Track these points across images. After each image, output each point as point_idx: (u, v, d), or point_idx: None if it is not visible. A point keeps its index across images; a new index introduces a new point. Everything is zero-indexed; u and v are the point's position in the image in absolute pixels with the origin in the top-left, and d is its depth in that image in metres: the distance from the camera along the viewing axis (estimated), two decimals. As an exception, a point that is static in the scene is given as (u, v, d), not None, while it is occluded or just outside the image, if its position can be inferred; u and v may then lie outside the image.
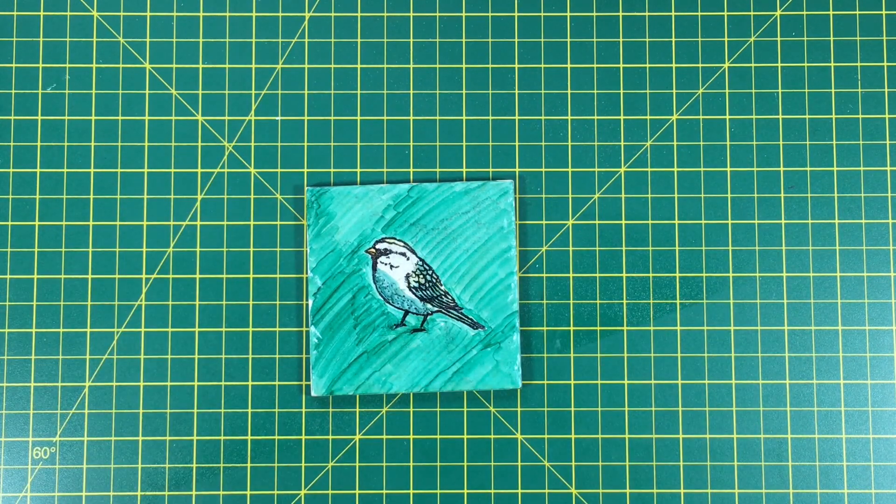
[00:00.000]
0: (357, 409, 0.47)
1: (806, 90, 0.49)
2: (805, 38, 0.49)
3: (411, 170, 0.49)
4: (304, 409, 0.48)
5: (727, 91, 0.49)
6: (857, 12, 0.49)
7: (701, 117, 0.49)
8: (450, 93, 0.49)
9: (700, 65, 0.49)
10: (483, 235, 0.48)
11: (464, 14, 0.50)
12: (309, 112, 0.49)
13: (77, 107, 0.49)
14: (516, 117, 0.49)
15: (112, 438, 0.48)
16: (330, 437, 0.48)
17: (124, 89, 0.49)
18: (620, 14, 0.50)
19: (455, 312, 0.47)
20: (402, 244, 0.47)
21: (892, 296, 0.48)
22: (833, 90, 0.49)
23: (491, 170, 0.49)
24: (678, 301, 0.48)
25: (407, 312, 0.47)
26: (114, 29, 0.49)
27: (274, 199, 0.49)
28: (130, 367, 0.48)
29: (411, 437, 0.48)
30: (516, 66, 0.49)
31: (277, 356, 0.48)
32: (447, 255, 0.48)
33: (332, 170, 0.49)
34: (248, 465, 0.48)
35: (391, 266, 0.47)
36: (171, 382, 0.48)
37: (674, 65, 0.49)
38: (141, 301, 0.48)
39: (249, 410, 0.48)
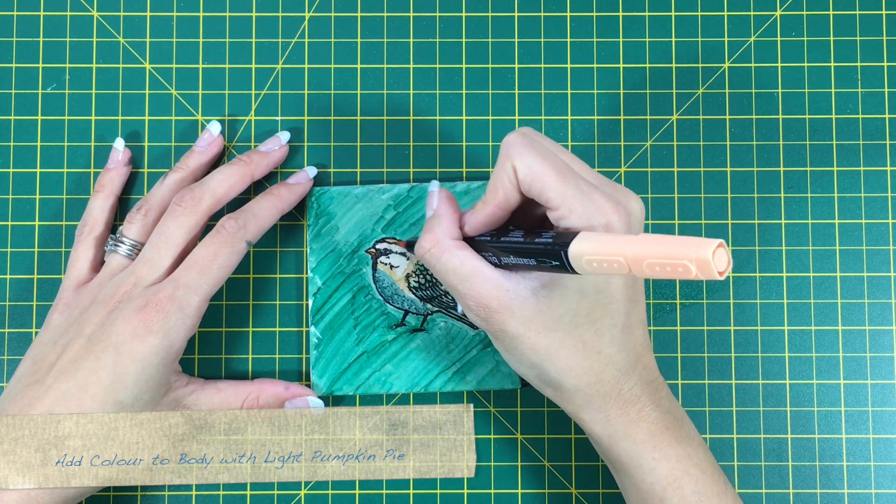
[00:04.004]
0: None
1: (806, 90, 0.49)
2: (805, 38, 0.49)
3: (411, 170, 0.49)
4: (304, 409, 0.48)
5: (727, 91, 0.49)
6: (857, 12, 0.49)
7: (701, 117, 0.49)
8: (450, 93, 0.49)
9: (700, 65, 0.49)
10: (483, 235, 0.47)
11: (464, 14, 0.50)
12: (309, 112, 0.49)
13: (77, 107, 0.49)
14: (516, 117, 0.49)
15: (112, 438, 0.48)
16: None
17: (124, 89, 0.49)
18: (620, 14, 0.50)
19: (455, 312, 0.47)
20: (402, 244, 0.47)
21: (892, 296, 0.48)
22: (833, 90, 0.49)
23: (491, 170, 0.49)
24: (678, 301, 0.48)
25: (407, 312, 0.47)
26: (114, 29, 0.49)
27: (274, 199, 0.49)
28: (130, 367, 0.48)
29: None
30: (516, 66, 0.49)
31: (277, 356, 0.48)
32: (447, 255, 0.47)
33: (332, 170, 0.49)
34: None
35: (391, 266, 0.47)
36: (171, 382, 0.48)
37: (674, 65, 0.49)
38: (141, 301, 0.48)
39: (249, 410, 0.48)
